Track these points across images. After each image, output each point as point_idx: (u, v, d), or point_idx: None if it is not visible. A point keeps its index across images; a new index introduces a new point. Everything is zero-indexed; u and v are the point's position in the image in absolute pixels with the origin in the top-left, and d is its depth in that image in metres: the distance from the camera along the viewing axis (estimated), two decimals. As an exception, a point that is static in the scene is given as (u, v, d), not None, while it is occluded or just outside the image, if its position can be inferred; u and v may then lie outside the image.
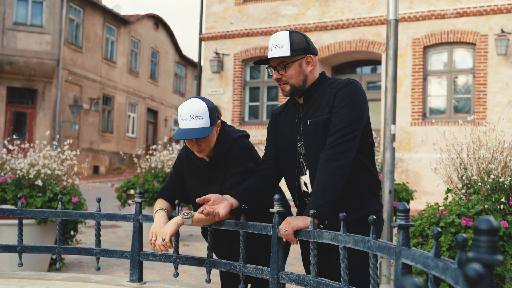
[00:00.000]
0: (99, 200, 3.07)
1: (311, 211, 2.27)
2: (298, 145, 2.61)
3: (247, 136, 2.93)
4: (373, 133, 8.53)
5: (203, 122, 2.65)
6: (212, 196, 2.58)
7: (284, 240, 2.42)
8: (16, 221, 5.59)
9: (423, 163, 11.77)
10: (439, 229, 1.46)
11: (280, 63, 2.57)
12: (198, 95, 16.39)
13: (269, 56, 2.57)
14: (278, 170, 2.75)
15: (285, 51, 2.52)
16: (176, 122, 32.70)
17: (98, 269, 3.04)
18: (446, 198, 4.14)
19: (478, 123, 11.70)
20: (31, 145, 6.67)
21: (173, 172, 3.01)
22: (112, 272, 6.29)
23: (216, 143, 2.79)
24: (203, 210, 2.52)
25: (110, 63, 25.83)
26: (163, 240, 2.57)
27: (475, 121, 11.78)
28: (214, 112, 2.73)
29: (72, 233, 6.36)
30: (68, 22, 22.61)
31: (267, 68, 2.68)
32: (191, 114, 2.64)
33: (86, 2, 23.94)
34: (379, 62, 15.01)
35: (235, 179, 2.76)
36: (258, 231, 2.56)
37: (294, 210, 2.73)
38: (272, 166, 2.75)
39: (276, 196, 2.45)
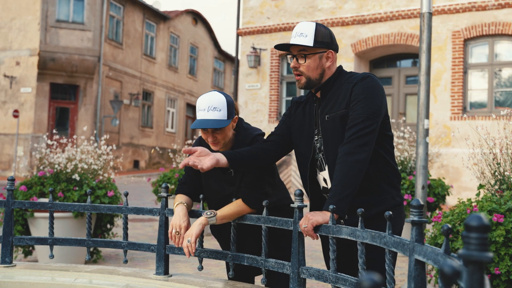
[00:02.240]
0: (126, 194, 3.14)
1: (331, 207, 2.26)
2: (315, 139, 2.61)
3: (264, 134, 2.96)
4: (409, 127, 8.29)
5: (221, 114, 2.68)
6: (199, 148, 2.57)
7: (305, 235, 2.43)
8: (54, 214, 5.78)
9: (463, 158, 11.54)
10: (449, 226, 1.45)
11: (300, 51, 2.56)
12: (235, 90, 16.48)
13: (291, 43, 2.55)
14: (281, 148, 2.75)
15: (309, 41, 2.52)
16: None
17: (126, 261, 3.11)
18: (478, 194, 4.07)
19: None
20: (68, 140, 6.83)
21: (188, 166, 3.03)
22: (147, 265, 6.40)
23: (235, 139, 2.82)
24: (188, 162, 2.49)
25: (149, 59, 26.17)
26: (188, 241, 2.62)
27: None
28: (232, 106, 2.75)
29: (108, 226, 6.49)
30: (109, 18, 23.02)
31: (286, 55, 2.68)
32: (209, 105, 2.68)
33: (126, -1, 24.33)
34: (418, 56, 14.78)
35: (254, 175, 2.78)
36: (279, 226, 2.58)
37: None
38: (278, 142, 2.75)
39: (297, 191, 2.46)
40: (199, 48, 31.08)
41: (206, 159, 2.52)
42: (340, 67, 2.66)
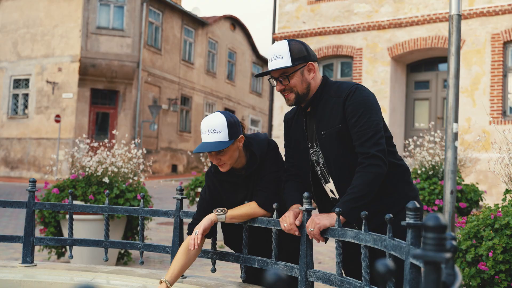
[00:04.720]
0: (142, 197, 3.18)
1: (337, 209, 2.26)
2: (311, 152, 2.61)
3: (265, 134, 2.95)
4: (439, 131, 8.10)
5: (221, 136, 2.64)
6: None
7: (310, 238, 2.43)
8: (85, 217, 5.91)
9: (489, 162, 11.27)
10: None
11: (282, 74, 2.53)
12: (271, 94, 16.50)
13: (269, 68, 2.54)
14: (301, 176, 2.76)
15: (286, 62, 2.49)
16: (253, 122, 33.22)
17: (142, 263, 3.16)
18: (504, 199, 3.97)
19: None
20: (101, 143, 6.95)
21: (203, 202, 2.92)
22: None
23: (251, 153, 2.80)
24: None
25: (188, 64, 26.45)
26: (196, 233, 2.65)
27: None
28: (234, 126, 2.70)
29: (138, 229, 6.56)
30: (148, 25, 23.37)
31: (268, 80, 2.63)
32: (209, 128, 2.65)
33: (165, 5, 24.64)
34: (457, 59, 14.49)
35: (271, 176, 2.78)
36: (289, 228, 2.57)
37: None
38: (297, 174, 2.74)
39: (305, 194, 2.45)
40: (237, 53, 31.25)
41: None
42: (325, 77, 2.63)
